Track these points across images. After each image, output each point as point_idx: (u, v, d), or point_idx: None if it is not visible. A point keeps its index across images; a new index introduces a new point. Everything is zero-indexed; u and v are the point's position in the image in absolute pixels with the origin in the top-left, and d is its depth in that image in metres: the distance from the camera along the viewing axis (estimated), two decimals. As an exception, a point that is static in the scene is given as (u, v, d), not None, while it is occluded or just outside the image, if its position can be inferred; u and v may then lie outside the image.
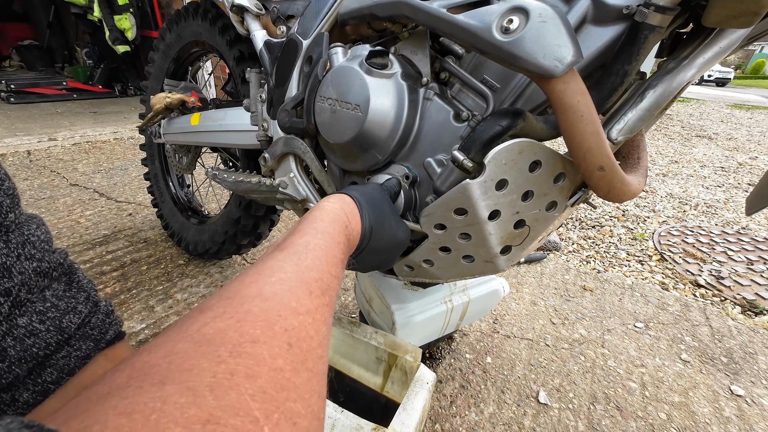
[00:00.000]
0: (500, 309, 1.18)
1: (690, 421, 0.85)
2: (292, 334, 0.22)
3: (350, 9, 0.58)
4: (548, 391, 0.90)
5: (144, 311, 1.08)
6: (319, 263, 0.30)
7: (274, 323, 0.22)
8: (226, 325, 0.21)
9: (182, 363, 0.18)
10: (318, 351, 0.24)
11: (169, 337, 0.20)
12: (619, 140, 0.41)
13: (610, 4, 0.39)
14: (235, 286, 0.25)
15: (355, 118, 0.53)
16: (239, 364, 0.19)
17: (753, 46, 32.06)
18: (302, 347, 0.22)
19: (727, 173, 2.83)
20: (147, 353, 0.19)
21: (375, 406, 0.72)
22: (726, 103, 8.28)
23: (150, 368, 0.18)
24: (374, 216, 0.45)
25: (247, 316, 0.22)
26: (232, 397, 0.17)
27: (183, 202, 1.38)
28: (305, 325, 0.24)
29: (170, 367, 0.18)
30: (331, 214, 0.39)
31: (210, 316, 0.22)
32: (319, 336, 0.25)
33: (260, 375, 0.19)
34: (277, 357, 0.20)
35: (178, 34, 1.12)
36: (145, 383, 0.17)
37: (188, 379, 0.17)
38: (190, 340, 0.20)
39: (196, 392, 0.16)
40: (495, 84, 0.49)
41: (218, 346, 0.19)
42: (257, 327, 0.21)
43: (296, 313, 0.24)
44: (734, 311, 1.24)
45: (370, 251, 0.45)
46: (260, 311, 0.23)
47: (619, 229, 1.82)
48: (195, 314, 0.22)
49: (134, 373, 0.18)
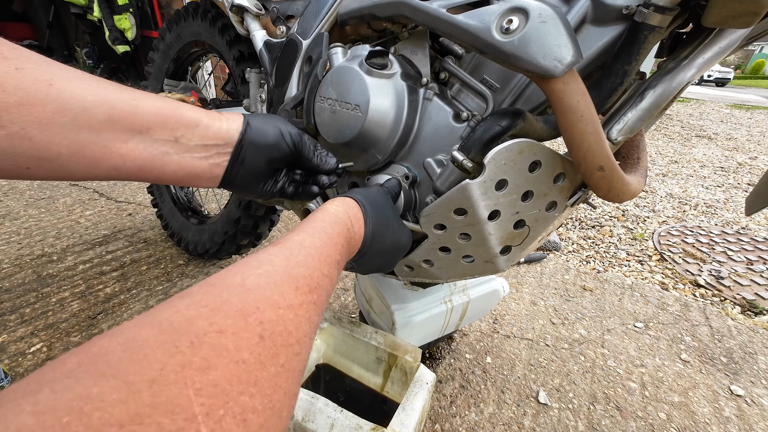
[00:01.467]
0: (500, 309, 1.18)
1: (690, 421, 0.85)
2: (267, 326, 0.22)
3: (350, 9, 0.58)
4: (548, 391, 0.90)
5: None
6: (311, 261, 0.30)
7: (249, 315, 0.21)
8: (197, 313, 0.20)
9: (136, 352, 0.17)
10: (295, 347, 0.23)
11: (139, 321, 0.20)
12: (618, 140, 0.41)
13: (609, 5, 0.39)
14: (221, 274, 0.25)
15: (354, 118, 0.53)
16: (196, 355, 0.18)
17: (752, 46, 32.10)
18: (276, 341, 0.22)
19: (727, 173, 2.83)
20: (110, 337, 0.18)
21: (375, 407, 0.72)
22: (726, 103, 8.28)
23: (102, 356, 0.17)
24: (377, 220, 0.44)
25: (223, 305, 0.21)
26: (172, 392, 0.16)
27: (183, 202, 1.38)
28: (284, 320, 0.23)
29: (122, 356, 0.17)
30: (333, 216, 0.38)
31: (186, 303, 0.21)
32: (299, 332, 0.24)
33: (217, 367, 0.18)
34: (243, 349, 0.20)
35: (177, 34, 1.12)
36: (86, 374, 0.16)
37: (132, 371, 0.16)
38: (156, 326, 0.19)
39: (132, 387, 0.16)
40: (495, 84, 0.49)
41: (181, 335, 0.19)
42: (230, 317, 0.21)
43: (276, 306, 0.23)
44: (734, 311, 1.24)
45: (373, 254, 0.45)
46: (238, 301, 0.22)
47: (619, 229, 1.82)
48: (174, 300, 0.22)
49: (85, 359, 0.17)
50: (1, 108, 0.27)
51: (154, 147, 0.36)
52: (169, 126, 0.37)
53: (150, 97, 0.36)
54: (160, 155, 0.37)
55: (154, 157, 0.36)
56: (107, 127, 0.33)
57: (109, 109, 0.33)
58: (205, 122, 0.39)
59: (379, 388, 0.73)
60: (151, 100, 0.36)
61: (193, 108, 0.39)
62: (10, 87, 0.27)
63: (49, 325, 1.01)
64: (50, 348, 0.94)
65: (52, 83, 0.30)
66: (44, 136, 0.30)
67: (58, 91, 0.30)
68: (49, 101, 0.29)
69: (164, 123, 0.36)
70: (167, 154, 0.37)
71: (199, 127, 0.39)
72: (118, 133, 0.34)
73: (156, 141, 0.36)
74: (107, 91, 0.33)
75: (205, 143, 0.40)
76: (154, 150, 0.36)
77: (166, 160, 0.37)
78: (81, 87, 0.31)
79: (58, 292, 1.14)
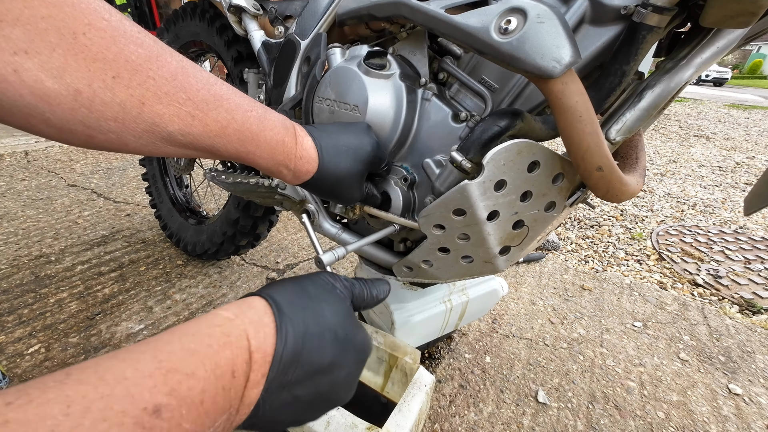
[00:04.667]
0: (499, 309, 1.18)
1: (688, 419, 0.85)
2: None
3: (348, 9, 0.58)
4: (547, 390, 0.90)
5: (142, 312, 1.08)
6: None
7: None
8: None
9: None
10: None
11: None
12: (617, 140, 0.41)
13: (607, 5, 0.39)
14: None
15: (353, 118, 0.53)
16: None
17: (750, 45, 32.20)
18: None
19: (725, 173, 2.84)
20: None
21: (376, 407, 0.72)
22: (723, 103, 8.30)
23: None
24: (305, 322, 0.30)
25: None
26: None
27: (181, 203, 1.38)
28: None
29: None
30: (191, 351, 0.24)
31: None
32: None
33: None
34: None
35: (175, 34, 1.12)
36: None
37: None
38: None
39: None
40: (493, 84, 0.49)
41: None
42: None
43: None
44: (732, 310, 1.25)
45: (304, 379, 0.29)
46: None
47: (618, 229, 1.82)
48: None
49: None
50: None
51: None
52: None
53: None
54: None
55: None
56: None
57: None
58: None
59: (379, 389, 0.73)
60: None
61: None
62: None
63: (48, 326, 1.01)
64: (48, 349, 0.94)
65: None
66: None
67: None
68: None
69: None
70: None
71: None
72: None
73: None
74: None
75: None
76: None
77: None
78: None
79: (57, 292, 1.14)
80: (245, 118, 0.36)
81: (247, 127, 0.36)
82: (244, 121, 0.36)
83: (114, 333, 1.00)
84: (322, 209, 0.69)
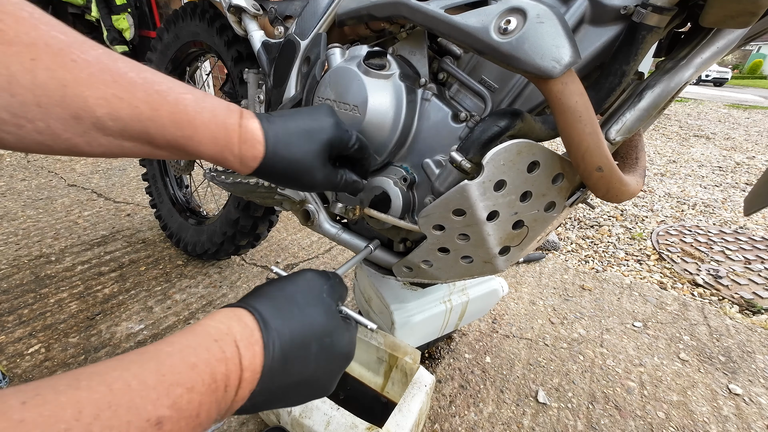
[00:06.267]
0: (499, 309, 1.18)
1: (688, 420, 0.85)
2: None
3: (348, 9, 0.58)
4: (547, 390, 0.90)
5: (143, 312, 1.08)
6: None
7: None
8: None
9: None
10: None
11: None
12: (617, 140, 0.41)
13: (607, 5, 0.39)
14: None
15: (353, 118, 0.53)
16: None
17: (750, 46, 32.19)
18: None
19: (725, 173, 2.84)
20: None
21: (376, 407, 0.72)
22: (723, 103, 8.30)
23: None
24: (292, 336, 0.32)
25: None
26: None
27: (181, 203, 1.38)
28: None
29: None
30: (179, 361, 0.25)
31: None
32: None
33: None
34: None
35: (175, 35, 1.12)
36: None
37: None
38: None
39: None
40: (493, 84, 0.49)
41: None
42: None
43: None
44: (732, 310, 1.25)
45: (287, 385, 0.32)
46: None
47: (618, 229, 1.82)
48: None
49: None
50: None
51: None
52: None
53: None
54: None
55: None
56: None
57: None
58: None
59: (379, 389, 0.73)
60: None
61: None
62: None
63: (48, 326, 1.01)
64: (48, 349, 0.94)
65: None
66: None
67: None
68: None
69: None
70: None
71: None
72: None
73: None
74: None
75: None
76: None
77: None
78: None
79: (57, 292, 1.14)
80: (179, 100, 0.34)
81: (181, 109, 0.34)
82: (178, 102, 0.34)
83: (114, 333, 1.00)
84: (322, 209, 0.69)
